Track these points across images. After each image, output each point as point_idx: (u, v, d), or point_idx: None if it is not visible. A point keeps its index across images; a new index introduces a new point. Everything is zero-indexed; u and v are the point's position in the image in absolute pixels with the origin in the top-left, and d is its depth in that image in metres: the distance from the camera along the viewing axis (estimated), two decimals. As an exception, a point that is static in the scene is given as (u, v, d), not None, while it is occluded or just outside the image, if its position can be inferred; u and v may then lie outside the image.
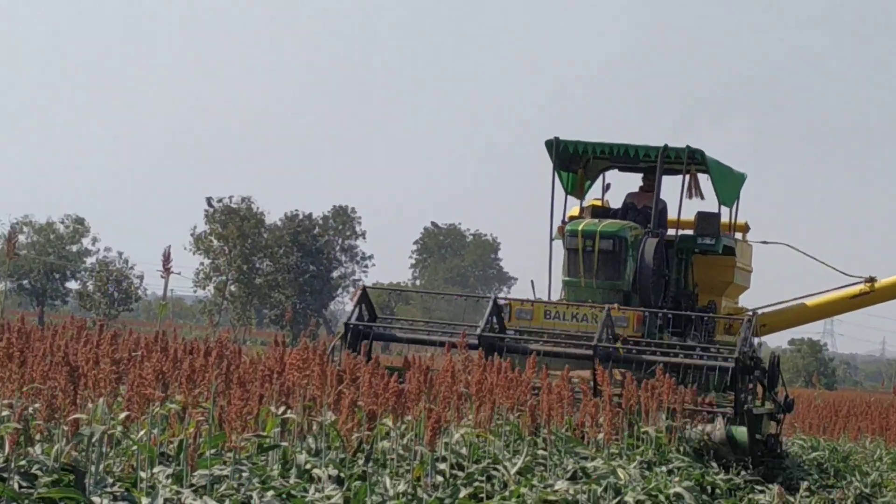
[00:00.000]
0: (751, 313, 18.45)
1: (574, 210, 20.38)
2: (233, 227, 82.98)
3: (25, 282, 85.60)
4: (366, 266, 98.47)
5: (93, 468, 8.78)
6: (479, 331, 17.11)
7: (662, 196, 19.68)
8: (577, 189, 20.57)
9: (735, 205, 20.66)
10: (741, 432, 16.22)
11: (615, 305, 17.70)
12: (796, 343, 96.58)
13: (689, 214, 20.08)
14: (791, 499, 15.70)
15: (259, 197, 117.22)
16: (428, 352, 19.18)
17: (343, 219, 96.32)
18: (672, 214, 20.22)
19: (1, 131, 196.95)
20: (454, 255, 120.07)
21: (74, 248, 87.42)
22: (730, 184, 20.32)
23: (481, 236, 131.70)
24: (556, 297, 19.51)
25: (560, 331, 18.09)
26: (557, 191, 20.14)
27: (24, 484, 8.21)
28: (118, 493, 8.51)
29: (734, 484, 15.75)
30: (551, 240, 19.62)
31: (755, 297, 23.60)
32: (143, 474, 9.05)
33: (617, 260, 18.57)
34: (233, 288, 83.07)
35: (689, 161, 19.33)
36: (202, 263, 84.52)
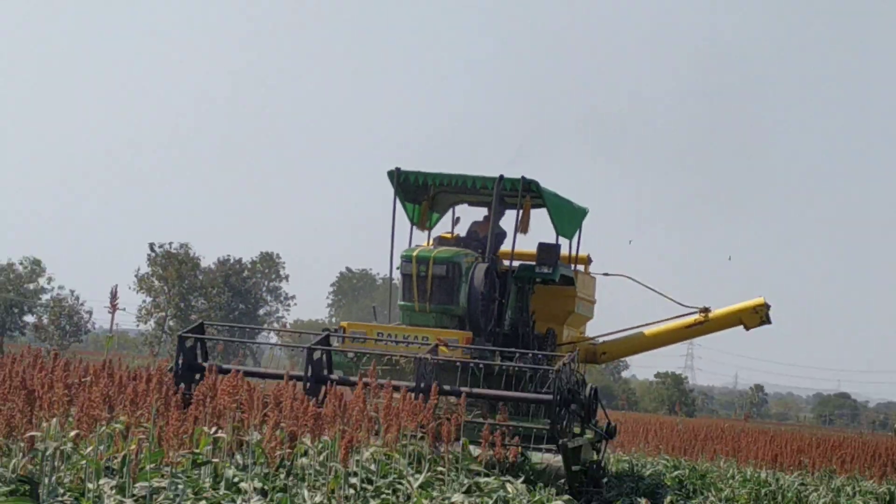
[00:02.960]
0: (572, 352, 17.98)
1: (424, 244, 20.28)
2: (172, 270, 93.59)
3: None
4: (288, 305, 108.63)
5: (46, 480, 9.74)
6: (304, 365, 16.80)
7: (508, 226, 19.80)
8: (421, 220, 20.85)
9: (577, 237, 20.96)
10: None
11: (444, 341, 17.69)
12: (661, 376, 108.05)
13: (534, 247, 20.26)
14: None
15: (196, 243, 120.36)
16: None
17: (269, 263, 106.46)
18: (519, 245, 20.11)
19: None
20: (365, 296, 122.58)
21: (31, 286, 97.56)
22: (568, 216, 20.47)
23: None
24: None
25: (389, 354, 17.94)
26: (404, 221, 20.53)
27: (-16, 492, 9.27)
28: (68, 502, 9.39)
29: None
30: (391, 269, 19.57)
31: (599, 327, 23.26)
32: (90, 485, 9.93)
33: (451, 285, 18.70)
34: (171, 323, 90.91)
35: (525, 191, 19.31)
36: (144, 301, 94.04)
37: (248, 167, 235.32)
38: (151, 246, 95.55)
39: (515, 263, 20.15)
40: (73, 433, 10.41)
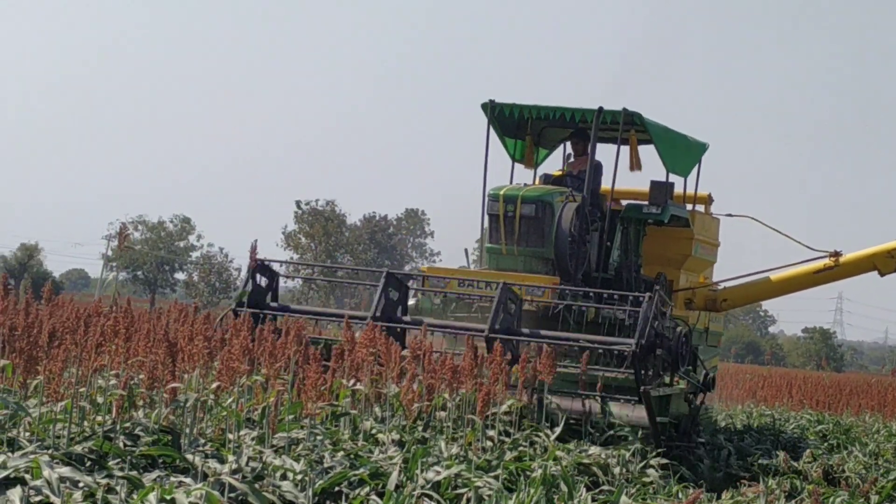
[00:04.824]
0: (657, 288, 16.15)
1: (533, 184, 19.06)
2: (318, 227, 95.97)
3: (139, 273, 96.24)
4: (433, 261, 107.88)
5: (187, 430, 9.94)
6: (373, 306, 15.61)
7: (609, 162, 18.23)
8: (525, 157, 19.71)
9: (695, 175, 19.58)
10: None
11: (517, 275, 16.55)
12: (809, 331, 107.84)
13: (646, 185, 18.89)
14: (795, 464, 16.70)
15: (341, 200, 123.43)
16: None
17: (414, 220, 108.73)
18: (633, 183, 19.26)
19: (120, 141, 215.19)
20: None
21: (182, 243, 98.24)
22: (680, 151, 19.04)
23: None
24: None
25: (471, 298, 16.89)
26: (504, 158, 19.52)
27: (129, 443, 9.40)
28: (209, 452, 9.58)
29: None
30: (483, 209, 18.06)
31: (723, 272, 21.79)
32: (230, 436, 10.13)
33: (540, 226, 17.31)
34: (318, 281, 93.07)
35: (627, 124, 17.92)
36: (291, 258, 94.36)
37: (394, 124, 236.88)
38: (298, 203, 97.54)
39: (623, 202, 18.98)
40: (214, 385, 10.59)
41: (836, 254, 20.38)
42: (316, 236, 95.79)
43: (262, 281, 16.38)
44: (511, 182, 18.93)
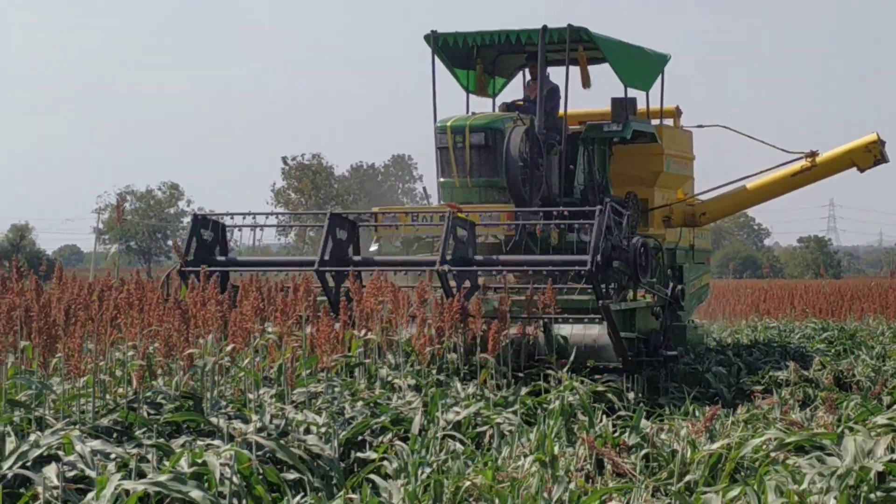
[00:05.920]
0: (607, 201, 15.59)
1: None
2: (307, 181, 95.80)
3: (132, 243, 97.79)
4: (423, 204, 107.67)
5: (208, 394, 10.14)
6: (320, 251, 15.03)
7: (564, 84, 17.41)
8: (479, 87, 19.01)
9: (659, 89, 18.98)
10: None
11: (456, 205, 16.03)
12: (804, 240, 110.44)
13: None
14: (806, 373, 16.69)
15: (327, 152, 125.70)
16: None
17: (402, 165, 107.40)
18: (594, 104, 18.97)
19: (100, 113, 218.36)
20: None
21: (172, 210, 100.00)
22: (638, 65, 18.48)
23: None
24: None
25: (427, 237, 16.81)
26: (456, 90, 18.95)
27: (152, 411, 9.66)
28: (231, 413, 9.78)
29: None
30: (436, 145, 17.45)
31: (702, 185, 20.78)
32: (250, 396, 10.38)
33: (492, 154, 16.81)
34: (311, 234, 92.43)
35: (574, 42, 17.33)
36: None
37: (370, 69, 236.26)
38: (284, 159, 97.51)
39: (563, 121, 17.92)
40: (229, 347, 10.73)
41: (813, 154, 19.84)
42: (305, 191, 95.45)
43: (207, 235, 15.88)
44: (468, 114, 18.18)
